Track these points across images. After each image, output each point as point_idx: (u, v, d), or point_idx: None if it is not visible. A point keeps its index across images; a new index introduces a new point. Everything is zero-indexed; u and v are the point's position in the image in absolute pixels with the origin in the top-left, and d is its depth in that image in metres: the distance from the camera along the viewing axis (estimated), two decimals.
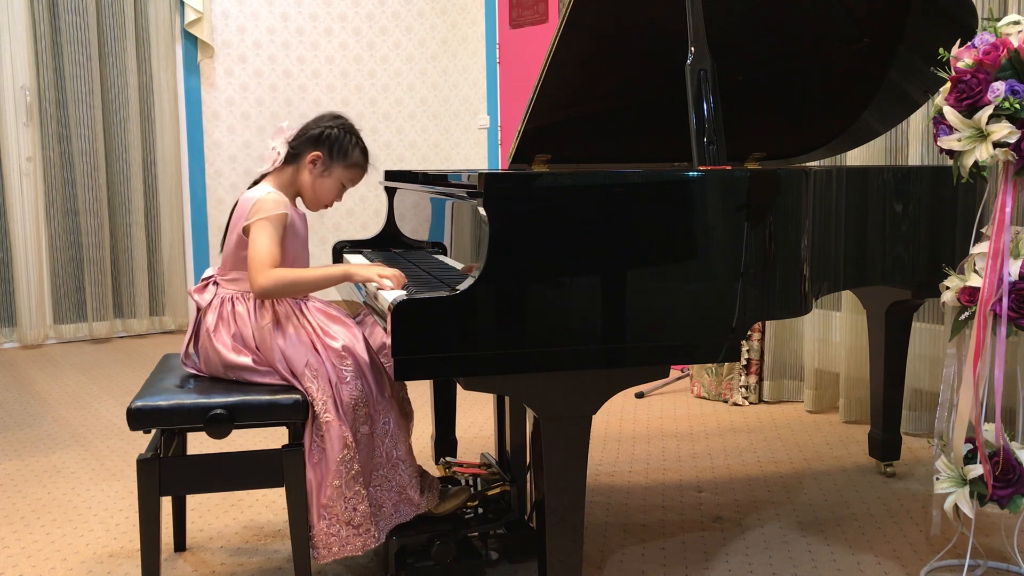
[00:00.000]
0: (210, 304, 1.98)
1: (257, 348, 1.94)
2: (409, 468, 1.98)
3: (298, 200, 2.10)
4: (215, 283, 2.03)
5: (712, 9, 1.88)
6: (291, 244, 1.99)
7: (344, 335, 1.95)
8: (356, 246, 2.68)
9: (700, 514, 2.48)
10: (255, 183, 2.06)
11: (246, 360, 1.93)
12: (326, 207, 2.09)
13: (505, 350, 1.62)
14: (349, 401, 1.88)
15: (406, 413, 2.04)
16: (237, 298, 1.97)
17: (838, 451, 3.02)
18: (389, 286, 1.85)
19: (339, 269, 1.97)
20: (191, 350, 2.04)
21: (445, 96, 5.66)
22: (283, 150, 2.04)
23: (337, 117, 2.08)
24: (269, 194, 1.97)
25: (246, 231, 1.94)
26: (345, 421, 1.87)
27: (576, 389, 1.71)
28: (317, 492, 1.87)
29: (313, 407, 1.87)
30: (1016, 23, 1.84)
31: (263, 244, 1.90)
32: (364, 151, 2.08)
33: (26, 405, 3.68)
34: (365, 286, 2.04)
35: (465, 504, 2.10)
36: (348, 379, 1.89)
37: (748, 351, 3.62)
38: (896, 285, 2.51)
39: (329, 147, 2.02)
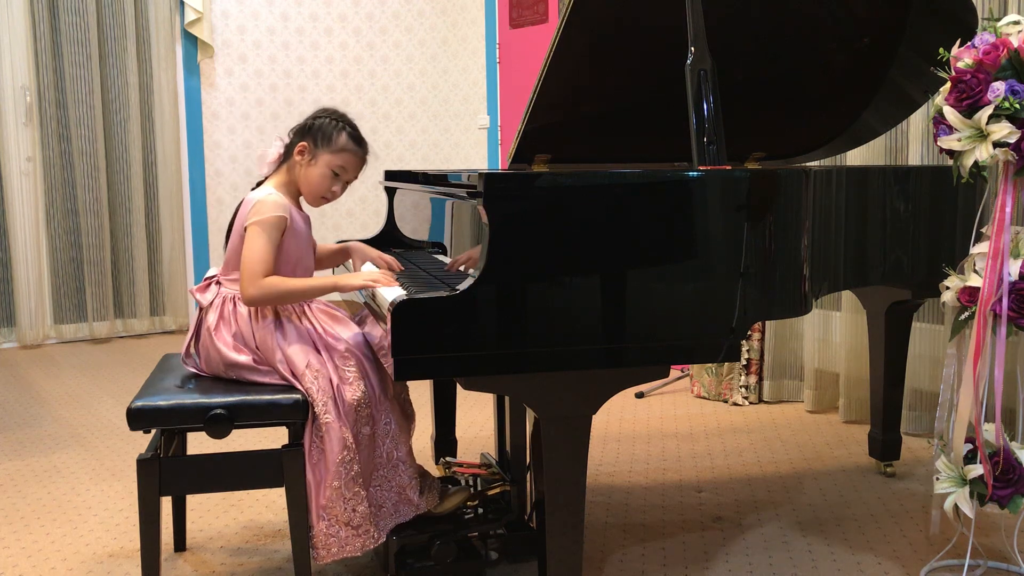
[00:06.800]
0: (211, 303, 1.99)
1: (258, 348, 1.94)
2: (409, 469, 1.98)
3: (302, 200, 2.10)
4: (217, 283, 2.03)
5: (712, 9, 1.88)
6: (292, 244, 1.99)
7: (348, 336, 1.95)
8: None
9: (700, 514, 2.48)
10: (259, 184, 2.07)
11: (246, 359, 1.94)
12: (326, 200, 2.06)
13: (505, 350, 1.62)
14: (352, 402, 1.88)
15: (407, 414, 2.04)
16: (239, 298, 1.97)
17: (838, 451, 3.02)
18: (383, 284, 1.87)
19: (328, 281, 1.97)
20: (192, 349, 2.04)
21: (445, 96, 5.66)
22: (280, 149, 2.06)
23: (329, 110, 2.07)
24: (270, 195, 1.98)
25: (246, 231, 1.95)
26: (346, 422, 1.87)
27: (576, 389, 1.71)
28: (316, 493, 1.87)
29: (313, 408, 1.87)
30: (1016, 23, 1.84)
31: (256, 251, 1.90)
32: (354, 137, 2.04)
33: (26, 405, 3.68)
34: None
35: (465, 504, 2.10)
36: (351, 380, 1.90)
37: (748, 351, 3.62)
38: (896, 285, 2.51)
39: (313, 135, 2.02)
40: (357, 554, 1.88)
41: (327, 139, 2.01)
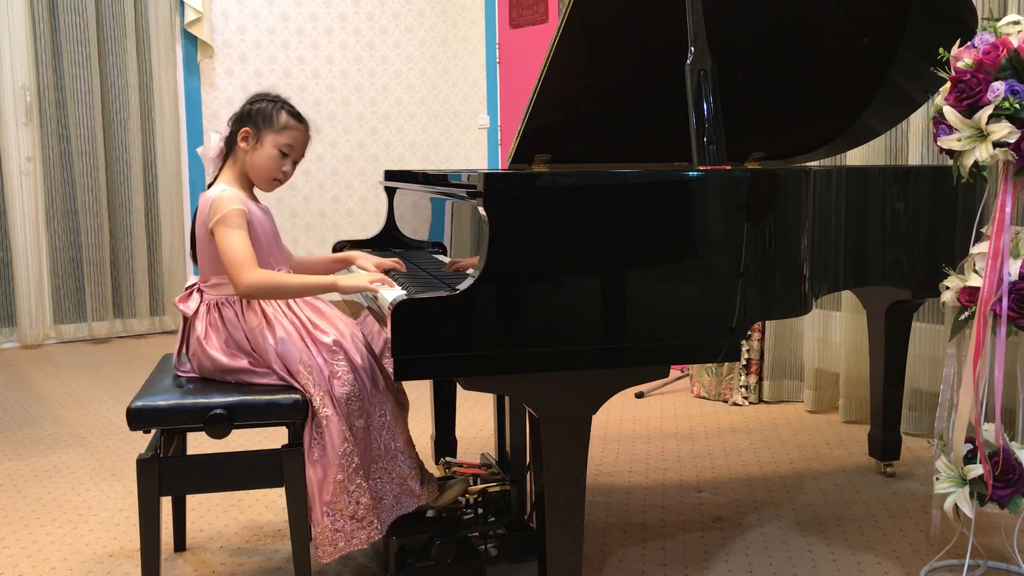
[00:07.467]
0: (196, 312, 1.98)
1: (253, 350, 1.94)
2: (408, 459, 1.97)
3: (259, 193, 2.09)
4: (199, 290, 2.02)
5: (712, 9, 1.88)
6: (256, 236, 1.97)
7: (333, 329, 1.95)
8: (356, 246, 2.67)
9: (700, 514, 2.48)
10: (211, 184, 2.06)
11: (242, 363, 1.93)
12: (278, 182, 2.05)
13: (505, 350, 1.62)
14: (342, 395, 1.88)
15: (401, 403, 2.04)
16: (223, 303, 1.96)
17: (838, 451, 3.02)
18: (379, 287, 1.87)
19: (326, 280, 1.96)
20: (184, 356, 2.04)
21: (445, 96, 5.66)
22: (219, 142, 2.05)
23: (263, 94, 2.08)
24: (223, 192, 1.96)
25: (213, 234, 1.94)
26: (342, 415, 1.87)
27: (576, 389, 1.71)
28: (319, 490, 1.86)
29: (311, 403, 1.87)
30: (1016, 23, 1.84)
31: (235, 244, 1.90)
32: (293, 114, 2.05)
33: (26, 405, 3.68)
34: None
35: (464, 492, 2.09)
36: (340, 374, 1.89)
37: (748, 351, 3.62)
38: (896, 285, 2.51)
39: (254, 119, 2.02)
40: (364, 546, 1.88)
41: (268, 120, 2.01)
